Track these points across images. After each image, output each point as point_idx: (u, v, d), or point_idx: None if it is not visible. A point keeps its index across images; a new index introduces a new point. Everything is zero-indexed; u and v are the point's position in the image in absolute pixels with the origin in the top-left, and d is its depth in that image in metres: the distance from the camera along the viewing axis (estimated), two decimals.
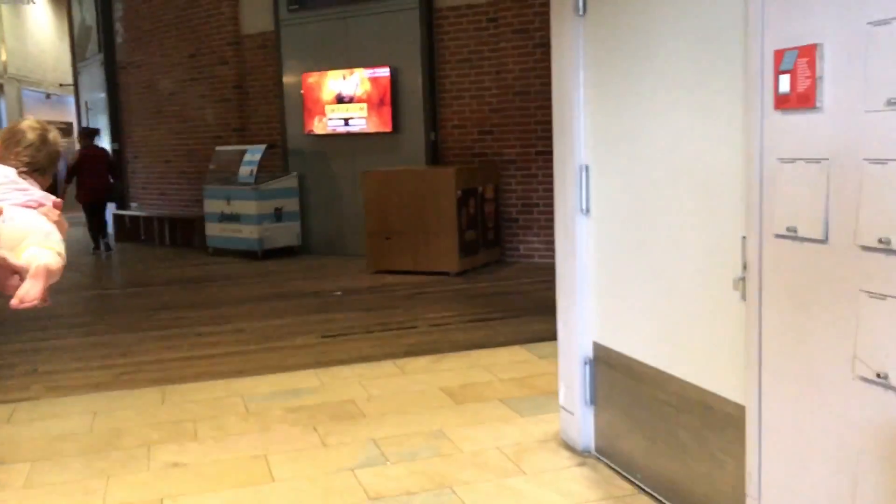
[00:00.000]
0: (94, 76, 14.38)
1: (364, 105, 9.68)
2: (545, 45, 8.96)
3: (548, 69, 8.33)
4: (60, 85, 18.12)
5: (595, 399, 3.45)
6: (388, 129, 9.56)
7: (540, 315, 6.30)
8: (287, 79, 10.41)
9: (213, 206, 10.61)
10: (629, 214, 3.10)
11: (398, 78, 9.49)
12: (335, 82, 9.85)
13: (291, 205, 10.38)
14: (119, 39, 13.42)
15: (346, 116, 9.85)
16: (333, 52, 9.96)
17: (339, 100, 9.87)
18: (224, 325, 6.40)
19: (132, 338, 6.09)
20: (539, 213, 8.93)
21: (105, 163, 11.41)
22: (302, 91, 10.14)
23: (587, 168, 3.38)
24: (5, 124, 19.15)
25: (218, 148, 11.07)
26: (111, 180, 11.43)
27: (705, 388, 2.69)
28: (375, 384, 4.70)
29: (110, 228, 13.42)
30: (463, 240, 8.32)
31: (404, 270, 8.46)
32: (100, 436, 4.01)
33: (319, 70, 9.99)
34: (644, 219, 3.00)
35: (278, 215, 10.25)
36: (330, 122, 9.98)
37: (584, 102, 3.37)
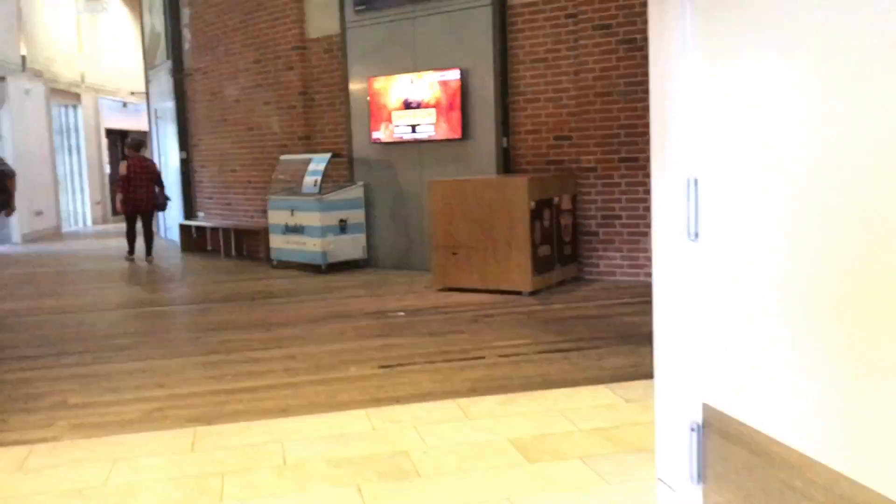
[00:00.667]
0: (163, 84, 14.20)
1: (432, 110, 9.08)
2: (630, 42, 8.22)
3: (633, 67, 7.49)
4: (132, 93, 18.17)
5: (704, 477, 2.72)
6: (458, 135, 8.94)
7: (625, 345, 5.55)
8: (353, 84, 9.90)
9: (277, 217, 10.17)
10: (764, 241, 2.36)
11: (468, 81, 8.86)
12: (402, 87, 9.28)
13: (356, 216, 9.85)
14: (186, 46, 13.19)
15: (414, 123, 9.26)
16: (401, 55, 9.40)
17: (407, 105, 9.29)
18: (275, 350, 5.85)
19: (174, 364, 5.59)
20: (621, 227, 8.15)
21: (151, 175, 11.41)
22: (368, 97, 9.60)
23: (696, 181, 2.66)
24: (83, 134, 19.34)
25: (282, 157, 10.63)
26: (157, 191, 11.45)
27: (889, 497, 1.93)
28: (434, 431, 4.05)
29: (176, 237, 13.19)
30: (536, 256, 7.61)
31: (472, 288, 7.81)
32: (113, 492, 3.47)
33: (386, 74, 9.44)
34: (799, 247, 2.26)
35: (343, 227, 9.73)
36: (397, 129, 9.42)
37: (693, 97, 2.65)
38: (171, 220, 14.73)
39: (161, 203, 11.62)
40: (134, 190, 11.20)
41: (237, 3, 11.43)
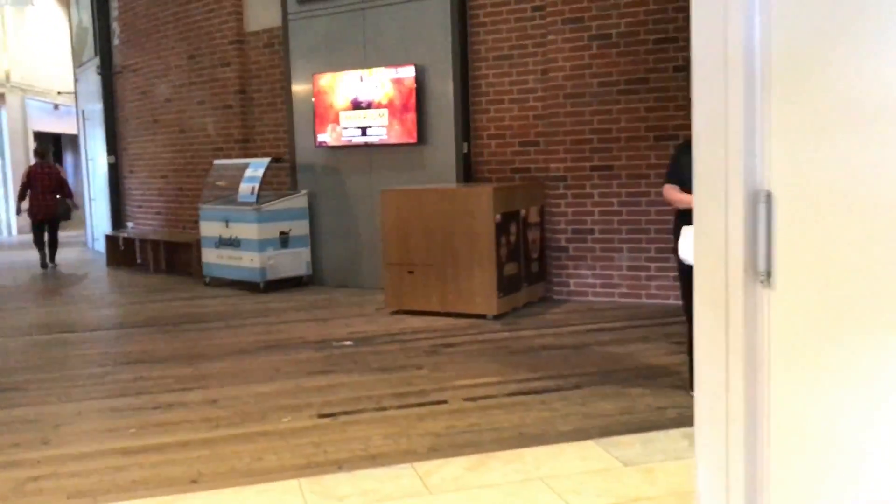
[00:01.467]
0: (91, 83, 13.06)
1: (384, 111, 8.18)
2: (604, 38, 7.42)
3: (607, 66, 6.72)
4: (59, 93, 16.92)
5: None
6: (413, 139, 8.06)
7: (610, 384, 4.72)
8: (296, 82, 8.95)
9: (209, 228, 9.16)
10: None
11: (425, 79, 7.99)
12: (351, 85, 8.37)
13: (299, 228, 8.89)
14: (116, 41, 12.09)
15: (364, 125, 8.35)
16: (349, 50, 8.49)
17: (356, 105, 8.38)
18: (195, 392, 4.89)
19: (68, 410, 4.59)
20: (594, 242, 7.36)
21: (55, 180, 11.45)
22: (312, 96, 8.67)
23: (769, 196, 1.81)
24: (6, 137, 17.97)
25: (216, 161, 9.63)
26: (60, 198, 11.50)
27: None
28: None
29: (102, 249, 12.08)
30: (502, 275, 6.76)
31: (430, 311, 6.92)
32: None
33: (333, 70, 8.52)
34: None
35: (284, 241, 8.76)
36: (345, 131, 8.50)
37: (765, 77, 1.80)
38: (98, 230, 13.55)
39: (63, 211, 11.43)
40: (35, 197, 11.32)
41: None
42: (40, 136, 20.34)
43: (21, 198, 11.73)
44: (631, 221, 7.20)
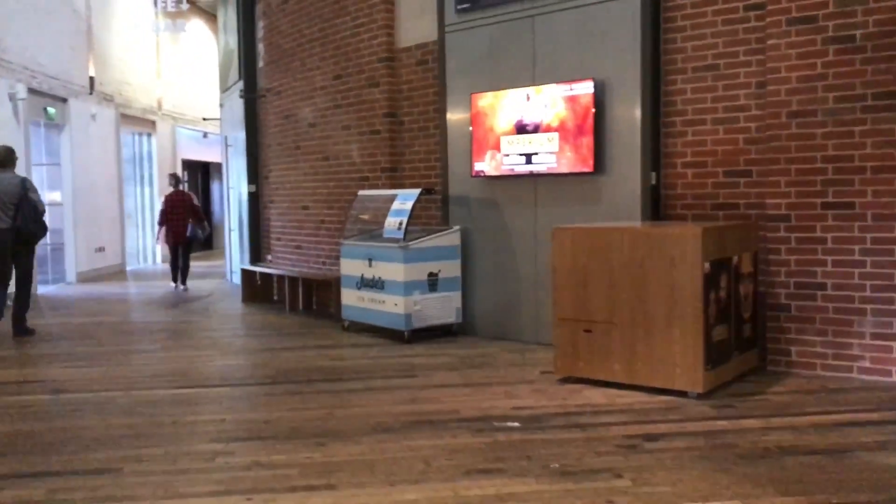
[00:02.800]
0: (234, 108, 12.54)
1: (554, 136, 6.91)
2: (844, 40, 5.82)
3: (848, 76, 4.88)
4: (204, 119, 16.73)
5: None
6: (588, 168, 6.73)
7: None
8: (452, 103, 7.84)
9: (351, 266, 8.14)
10: None
11: (605, 96, 6.67)
12: (516, 105, 7.16)
13: (450, 269, 7.72)
14: (260, 63, 11.47)
15: (529, 151, 7.11)
16: (515, 64, 7.30)
17: (521, 129, 7.16)
18: (321, 496, 3.71)
19: None
20: (826, 300, 5.74)
21: (186, 208, 12.45)
22: (470, 119, 7.52)
23: None
24: (156, 164, 17.99)
25: (361, 192, 8.63)
26: (192, 224, 12.41)
27: None
28: None
29: (238, 281, 11.44)
30: (710, 340, 5.28)
31: (612, 382, 5.53)
32: None
33: (495, 89, 7.35)
34: None
35: (433, 283, 7.60)
36: (506, 158, 7.28)
37: None
38: (237, 262, 12.96)
39: (193, 235, 12.48)
40: (170, 223, 12.43)
41: (316, 10, 9.60)
42: (189, 165, 20.43)
43: (161, 224, 12.72)
44: (878, 275, 5.55)
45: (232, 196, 13.27)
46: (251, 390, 5.86)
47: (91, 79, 14.45)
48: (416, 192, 7.73)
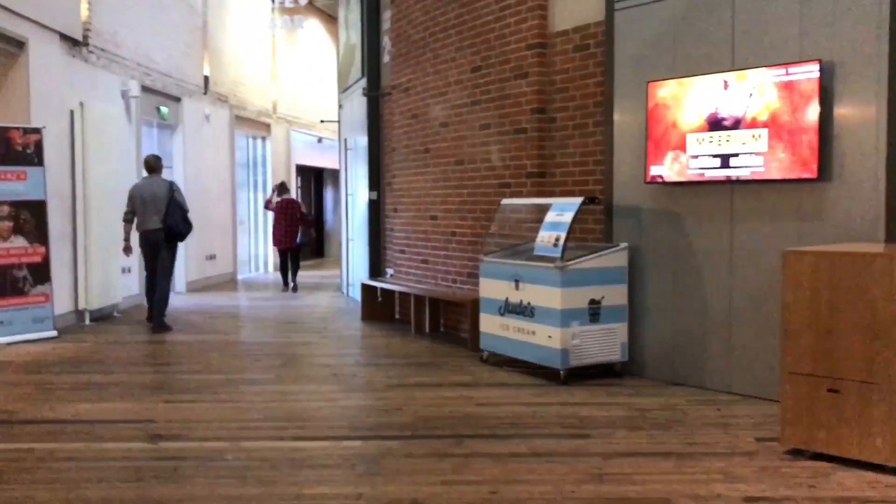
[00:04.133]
0: (355, 108, 11.56)
1: (762, 132, 5.48)
2: None
3: None
4: (322, 121, 15.92)
5: None
6: (811, 173, 5.27)
7: None
8: (620, 95, 6.51)
9: (493, 288, 6.91)
10: None
11: (834, 82, 5.21)
12: (708, 94, 5.77)
13: (615, 296, 6.38)
14: (385, 58, 10.43)
15: (727, 152, 5.70)
16: (707, 45, 5.91)
17: (715, 124, 5.76)
18: None
19: None
20: None
21: (292, 214, 13.23)
22: (646, 114, 6.17)
23: None
24: (270, 170, 17.32)
25: (505, 201, 7.39)
26: (300, 230, 13.38)
27: None
28: None
29: (358, 296, 10.44)
30: None
31: (871, 463, 4.07)
32: None
33: (680, 75, 5.98)
34: None
35: (594, 312, 6.29)
36: (694, 161, 5.89)
37: None
38: (355, 274, 11.96)
39: (302, 241, 13.54)
40: (278, 229, 13.26)
41: None
42: (302, 171, 19.75)
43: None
44: None
45: (350, 203, 12.28)
46: (387, 447, 4.67)
47: (205, 78, 13.80)
48: (577, 201, 6.42)
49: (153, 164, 9.14)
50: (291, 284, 13.33)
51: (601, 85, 6.76)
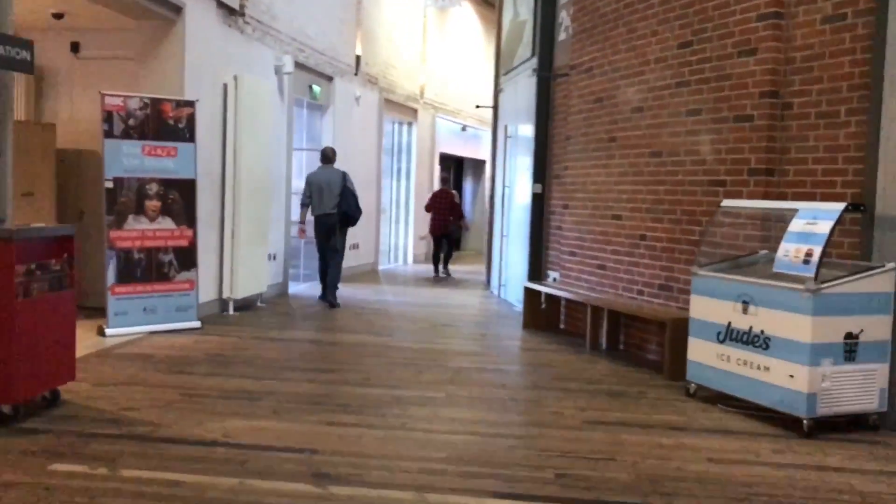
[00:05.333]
0: (520, 91, 10.51)
1: None
2: None
3: None
4: (477, 106, 14.97)
5: None
6: None
7: None
8: (894, 74, 5.15)
9: (709, 308, 5.70)
10: None
11: None
12: None
13: (876, 329, 5.06)
14: (562, 35, 9.30)
15: None
16: None
17: None
18: None
19: None
20: None
21: (447, 205, 13.98)
22: None
23: None
24: (414, 157, 16.53)
25: (727, 203, 6.14)
26: (453, 219, 14.07)
27: None
28: None
29: (511, 298, 9.47)
30: None
31: None
32: None
33: None
34: None
35: (850, 348, 4.99)
36: None
37: None
38: (509, 274, 10.93)
39: (455, 230, 14.45)
40: (435, 217, 14.00)
41: None
42: (443, 159, 18.89)
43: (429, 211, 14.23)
44: None
45: (507, 196, 11.25)
46: None
47: (357, 58, 13.07)
48: (838, 207, 5.11)
49: (329, 155, 9.98)
50: (444, 272, 14.08)
51: (863, 64, 5.41)
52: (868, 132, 5.34)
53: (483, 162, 20.72)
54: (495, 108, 12.46)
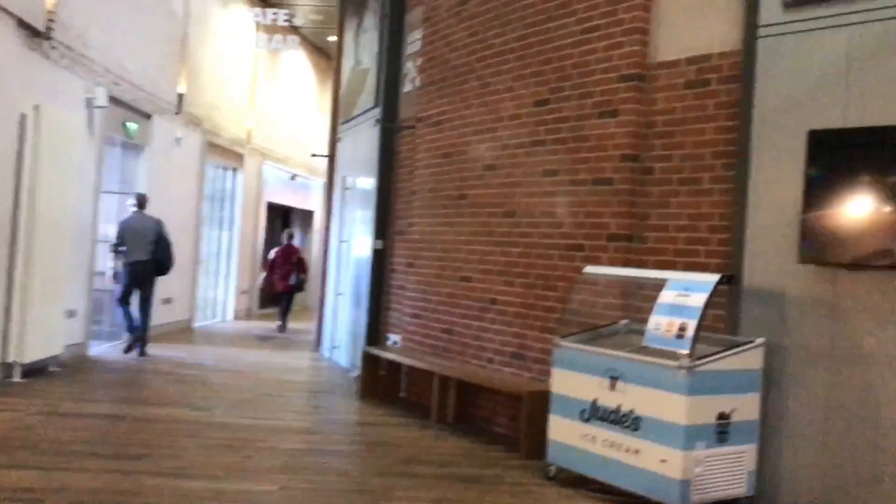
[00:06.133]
0: (361, 142, 9.94)
1: None
2: None
3: None
4: (313, 155, 14.25)
5: None
6: None
7: None
8: (763, 146, 5.04)
9: (573, 383, 5.27)
10: None
11: None
12: None
13: (747, 408, 4.83)
14: (408, 86, 8.87)
15: None
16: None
17: None
18: None
19: None
20: None
21: (294, 261, 14.03)
22: (804, 169, 4.69)
23: None
24: (238, 205, 15.50)
25: (590, 269, 5.78)
26: (297, 276, 13.98)
27: None
28: None
29: (343, 361, 8.81)
30: None
31: None
32: None
33: (861, 122, 4.53)
34: None
35: (722, 430, 4.70)
36: (875, 240, 4.41)
37: None
38: (341, 333, 10.19)
39: (295, 284, 14.06)
40: (278, 273, 13.92)
41: (517, 11, 6.94)
42: (271, 209, 17.94)
43: (267, 271, 14.33)
44: None
45: (343, 252, 10.56)
46: None
47: (180, 96, 12.01)
48: (712, 279, 4.84)
49: (142, 202, 9.83)
50: (280, 325, 14.03)
51: (727, 131, 5.28)
52: (733, 201, 5.19)
53: (312, 213, 19.93)
54: (332, 157, 11.80)
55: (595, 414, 5.08)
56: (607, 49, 6.03)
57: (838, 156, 4.62)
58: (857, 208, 4.48)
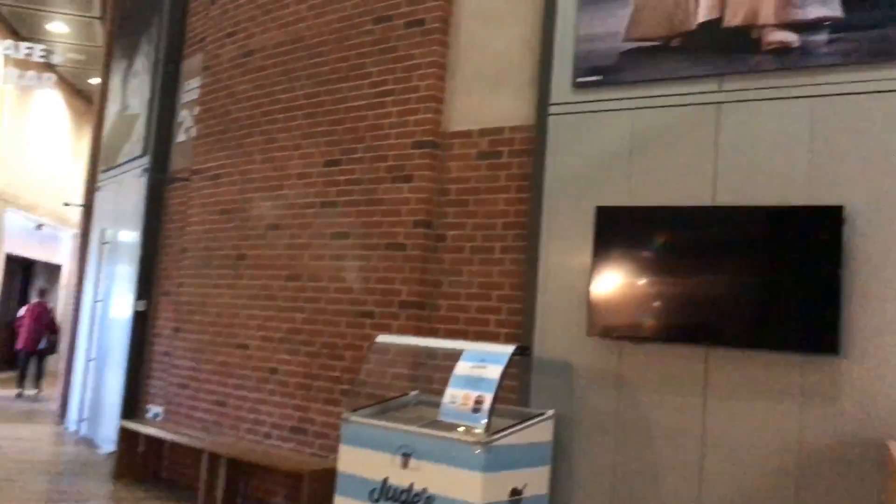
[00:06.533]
0: (126, 193, 9.11)
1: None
2: None
3: None
4: (66, 204, 12.91)
5: None
6: (823, 341, 4.17)
7: None
8: (552, 219, 5.13)
9: (361, 461, 4.94)
10: None
11: (855, 230, 4.24)
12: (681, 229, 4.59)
13: (537, 482, 4.76)
14: (182, 136, 8.28)
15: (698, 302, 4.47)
16: (680, 169, 4.77)
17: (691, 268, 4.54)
18: None
19: None
20: None
21: (45, 319, 13.43)
22: (593, 244, 4.82)
23: None
24: None
25: (382, 338, 5.53)
26: (48, 338, 13.47)
27: None
28: None
29: (94, 435, 7.86)
30: None
31: None
32: None
33: (640, 201, 4.75)
34: None
35: None
36: (658, 313, 4.59)
37: None
38: (101, 411, 9.10)
39: (46, 345, 13.47)
40: (28, 332, 13.21)
41: (306, 67, 6.70)
42: (11, 261, 16.05)
43: (13, 328, 13.87)
44: None
45: (97, 312, 9.52)
46: None
47: None
48: (507, 350, 4.76)
49: None
50: (33, 391, 13.29)
51: (518, 203, 5.35)
52: (524, 271, 5.22)
53: (59, 267, 18.10)
54: (89, 207, 10.72)
55: (385, 494, 4.78)
56: (402, 115, 5.95)
57: (623, 232, 4.79)
58: (633, 283, 4.65)
